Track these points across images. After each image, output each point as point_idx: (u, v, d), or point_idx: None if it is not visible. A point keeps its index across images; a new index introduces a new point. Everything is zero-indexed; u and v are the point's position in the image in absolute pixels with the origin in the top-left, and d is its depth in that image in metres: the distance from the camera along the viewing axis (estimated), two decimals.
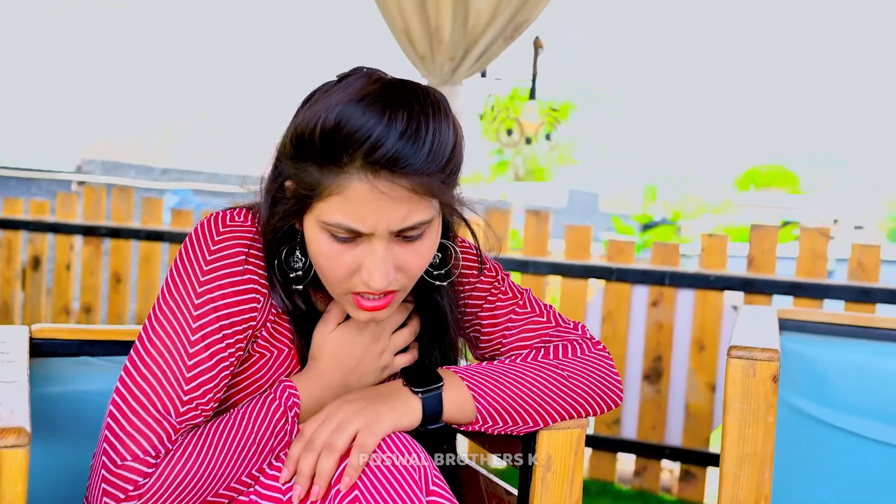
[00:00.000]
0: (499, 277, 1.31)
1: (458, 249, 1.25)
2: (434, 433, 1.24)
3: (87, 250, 3.97)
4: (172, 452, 1.04)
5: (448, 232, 1.22)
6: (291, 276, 1.13)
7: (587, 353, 1.25)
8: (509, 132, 4.03)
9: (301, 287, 1.14)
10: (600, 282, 3.32)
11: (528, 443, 1.21)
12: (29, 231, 4.05)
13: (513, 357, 1.23)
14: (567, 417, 1.20)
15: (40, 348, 1.42)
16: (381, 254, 1.04)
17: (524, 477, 1.22)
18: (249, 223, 1.12)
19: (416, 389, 1.13)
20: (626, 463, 3.45)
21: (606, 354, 1.27)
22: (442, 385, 1.14)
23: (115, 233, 3.90)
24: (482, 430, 1.17)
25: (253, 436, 1.08)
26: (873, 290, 2.93)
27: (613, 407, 1.25)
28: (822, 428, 1.95)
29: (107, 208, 4.07)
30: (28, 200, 4.16)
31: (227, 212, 1.13)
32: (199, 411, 1.06)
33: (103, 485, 1.03)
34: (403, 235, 1.05)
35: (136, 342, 1.08)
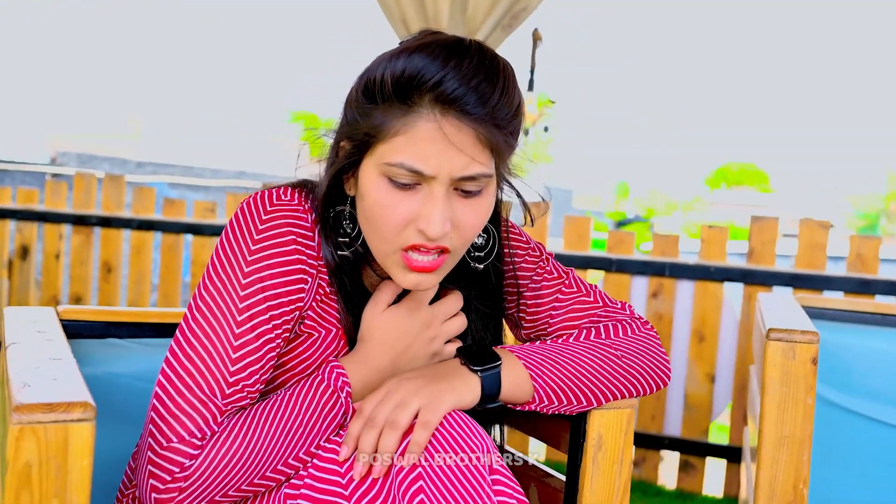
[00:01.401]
0: (543, 257, 1.30)
1: (500, 233, 1.24)
2: (488, 420, 1.23)
3: (77, 239, 3.90)
4: (219, 434, 1.02)
5: (496, 215, 1.21)
6: (340, 240, 1.11)
7: (637, 332, 1.25)
8: None
9: (348, 254, 1.12)
10: (600, 272, 3.32)
11: (577, 424, 1.20)
12: (17, 220, 3.98)
13: (565, 337, 1.23)
14: (619, 397, 1.20)
15: (67, 329, 1.39)
16: (441, 200, 1.03)
17: (573, 457, 1.21)
18: (297, 202, 1.10)
19: (474, 368, 1.11)
20: None
21: (654, 334, 1.28)
22: (500, 364, 1.13)
23: (106, 222, 3.84)
24: (538, 409, 1.16)
25: (301, 417, 1.06)
26: (873, 281, 2.95)
27: (662, 386, 1.25)
28: (840, 413, 1.96)
29: (97, 197, 4.02)
30: (16, 188, 4.09)
31: (274, 190, 1.10)
32: (245, 393, 1.04)
33: (149, 467, 1.01)
34: (462, 189, 1.05)
35: (182, 323, 1.06)
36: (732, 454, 3.12)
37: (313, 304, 1.12)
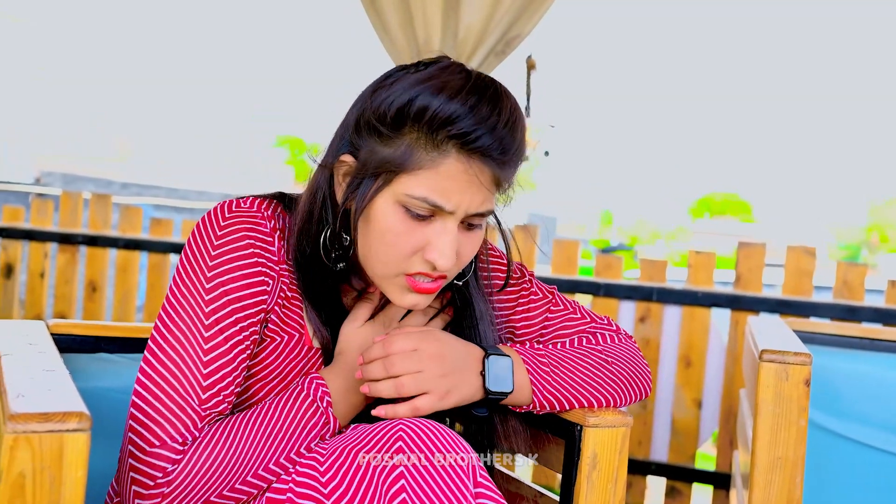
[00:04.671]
0: (526, 278, 1.33)
1: (478, 253, 1.25)
2: (477, 431, 1.23)
3: (63, 258, 3.88)
4: (202, 439, 1.03)
5: None
6: (333, 255, 1.13)
7: (623, 343, 1.30)
8: None
9: (338, 268, 1.14)
10: (588, 296, 3.33)
11: (571, 442, 1.20)
12: (2, 238, 3.95)
13: (562, 343, 1.27)
14: (607, 403, 1.23)
15: (58, 344, 1.38)
16: (452, 234, 1.07)
17: (568, 476, 1.20)
18: (255, 209, 1.12)
19: (488, 388, 1.14)
20: None
21: (637, 347, 1.33)
22: (511, 392, 1.16)
23: (92, 241, 3.82)
24: (532, 411, 1.20)
25: (283, 425, 1.07)
26: (859, 308, 2.97)
27: (645, 396, 1.29)
28: (829, 437, 1.96)
29: (84, 216, 4.00)
30: (2, 206, 4.06)
31: (233, 200, 1.13)
32: (222, 397, 1.06)
33: (132, 473, 1.02)
34: (469, 223, 1.09)
35: (153, 332, 1.08)
36: (719, 480, 3.12)
37: (276, 308, 1.14)
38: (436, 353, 1.11)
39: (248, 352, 1.09)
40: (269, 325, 1.14)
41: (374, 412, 1.10)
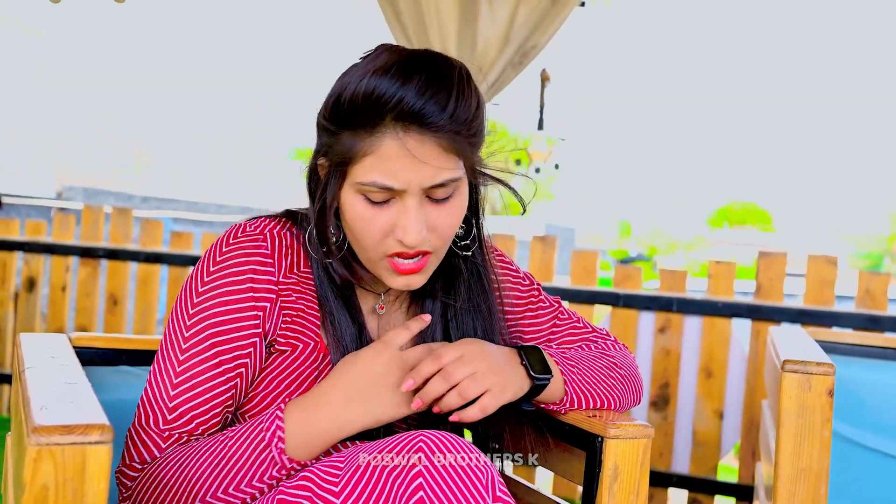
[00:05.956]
0: (535, 287, 1.38)
1: (483, 223, 1.27)
2: (485, 436, 1.27)
3: (84, 272, 3.91)
4: (156, 462, 1.10)
5: (475, 205, 1.25)
6: (323, 249, 1.17)
7: (624, 351, 1.37)
8: (518, 162, 4.07)
9: (335, 259, 1.17)
10: (607, 307, 3.31)
11: (592, 454, 1.20)
12: (25, 252, 3.98)
13: (573, 348, 1.33)
14: (615, 406, 1.28)
15: (80, 356, 1.39)
16: (413, 210, 1.09)
17: (589, 487, 1.20)
18: (258, 232, 1.17)
19: (533, 375, 1.17)
20: None
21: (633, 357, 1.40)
22: (551, 378, 1.19)
23: (113, 254, 3.85)
24: (560, 409, 1.23)
25: (231, 459, 1.08)
26: (882, 318, 2.94)
27: (638, 403, 1.35)
28: (852, 448, 1.94)
29: (105, 230, 4.02)
30: (24, 221, 4.10)
31: (240, 225, 1.18)
32: (189, 417, 1.11)
33: (117, 483, 1.14)
34: (434, 196, 1.11)
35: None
36: (742, 492, 3.09)
37: (286, 321, 1.16)
38: (480, 353, 1.13)
39: (233, 379, 1.13)
40: (280, 338, 1.16)
41: (451, 419, 1.12)
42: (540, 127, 4.11)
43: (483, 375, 1.11)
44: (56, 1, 3.72)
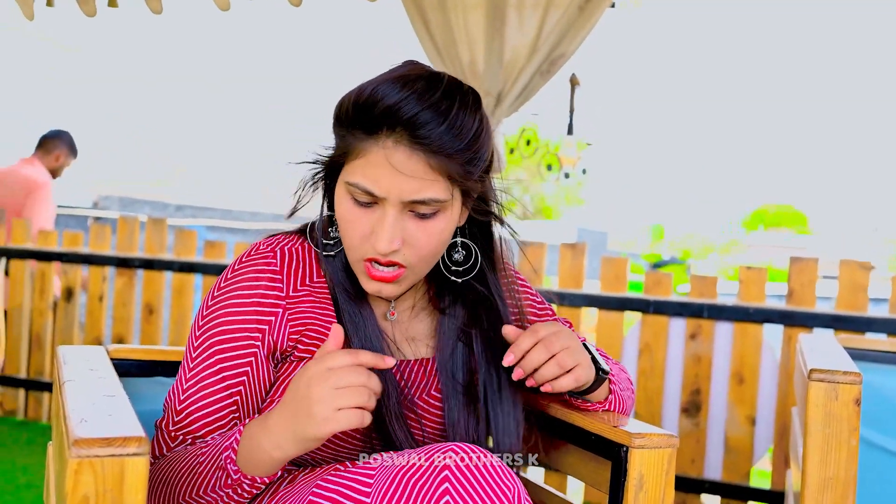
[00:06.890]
0: (548, 307, 1.43)
1: (484, 251, 1.28)
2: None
3: (120, 281, 3.98)
4: (160, 459, 1.19)
5: (476, 231, 1.27)
6: (321, 246, 1.22)
7: (625, 370, 1.43)
8: (549, 167, 4.08)
9: (331, 256, 1.22)
10: (637, 314, 3.32)
11: (618, 463, 1.21)
12: (63, 262, 4.06)
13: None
14: (625, 411, 1.34)
15: (117, 368, 1.42)
16: (389, 220, 1.12)
17: (615, 497, 1.21)
18: (269, 250, 1.22)
19: (598, 368, 1.24)
20: None
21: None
22: (608, 376, 1.27)
23: (149, 264, 3.92)
24: (597, 409, 1.29)
25: (196, 466, 1.14)
26: None
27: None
28: (884, 456, 1.93)
29: (140, 239, 4.09)
30: (62, 232, 4.18)
31: (258, 243, 1.24)
32: (195, 417, 1.17)
33: None
34: (416, 211, 1.13)
35: None
36: (774, 498, 3.07)
37: (300, 329, 1.20)
38: (569, 334, 1.21)
39: (239, 388, 1.18)
40: (299, 345, 1.21)
41: (543, 388, 1.19)
42: (570, 132, 4.12)
43: (574, 351, 1.19)
44: (92, 15, 3.79)
